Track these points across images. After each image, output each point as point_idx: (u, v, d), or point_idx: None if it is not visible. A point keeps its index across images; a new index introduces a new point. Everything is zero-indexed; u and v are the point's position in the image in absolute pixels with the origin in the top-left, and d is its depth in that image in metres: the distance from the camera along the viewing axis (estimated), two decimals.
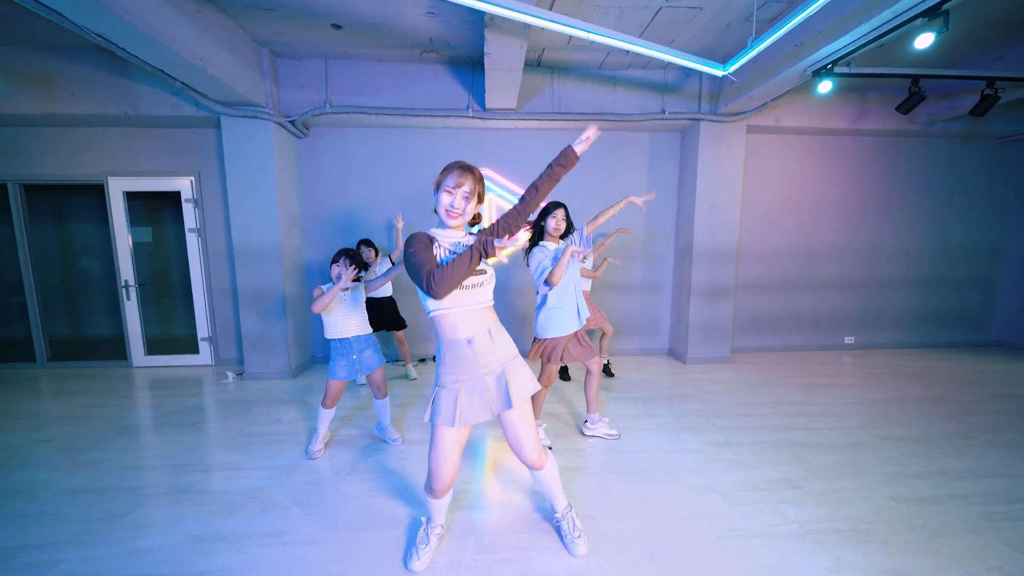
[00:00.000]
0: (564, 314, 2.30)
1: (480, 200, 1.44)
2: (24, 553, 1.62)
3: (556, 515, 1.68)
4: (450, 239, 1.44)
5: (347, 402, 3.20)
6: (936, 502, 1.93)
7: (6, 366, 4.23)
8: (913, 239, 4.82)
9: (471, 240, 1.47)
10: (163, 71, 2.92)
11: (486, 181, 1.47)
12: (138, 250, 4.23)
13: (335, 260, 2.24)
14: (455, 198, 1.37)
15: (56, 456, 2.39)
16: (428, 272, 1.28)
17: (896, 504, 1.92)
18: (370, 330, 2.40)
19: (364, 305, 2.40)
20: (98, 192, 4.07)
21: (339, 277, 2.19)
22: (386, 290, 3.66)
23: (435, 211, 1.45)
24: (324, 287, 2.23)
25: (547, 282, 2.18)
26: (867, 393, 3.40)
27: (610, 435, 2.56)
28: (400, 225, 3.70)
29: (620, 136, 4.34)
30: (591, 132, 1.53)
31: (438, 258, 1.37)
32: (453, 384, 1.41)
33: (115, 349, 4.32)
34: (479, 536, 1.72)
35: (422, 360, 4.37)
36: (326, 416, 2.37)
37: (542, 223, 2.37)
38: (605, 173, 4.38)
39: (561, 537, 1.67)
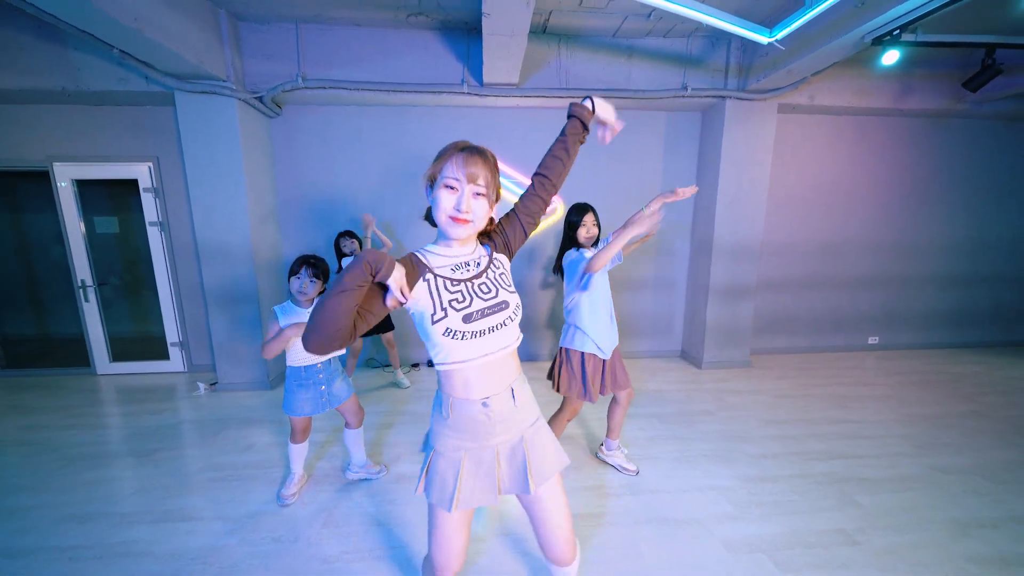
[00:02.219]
0: (599, 326, 1.93)
1: (497, 198, 1.01)
2: None
3: None
4: (451, 259, 1.00)
5: (323, 422, 2.84)
6: (1021, 564, 1.63)
7: None
8: (946, 231, 4.44)
9: (481, 248, 1.06)
10: (93, 35, 2.41)
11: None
12: (103, 242, 3.80)
13: (293, 271, 1.81)
14: (462, 196, 0.93)
15: None
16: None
17: (977, 569, 1.61)
18: (339, 352, 1.98)
19: None
20: (39, 174, 3.58)
21: (300, 293, 1.79)
22: None
23: (427, 218, 1.02)
24: (278, 315, 1.79)
25: (586, 274, 1.81)
26: (904, 407, 3.09)
27: (627, 470, 2.23)
28: (371, 227, 3.13)
29: (633, 116, 3.85)
30: (617, 124, 1.15)
31: (430, 295, 0.95)
32: (454, 453, 1.03)
33: (77, 353, 3.93)
34: None
35: (414, 365, 4.02)
36: (299, 453, 2.02)
37: (572, 232, 1.99)
38: (613, 158, 3.92)
39: None
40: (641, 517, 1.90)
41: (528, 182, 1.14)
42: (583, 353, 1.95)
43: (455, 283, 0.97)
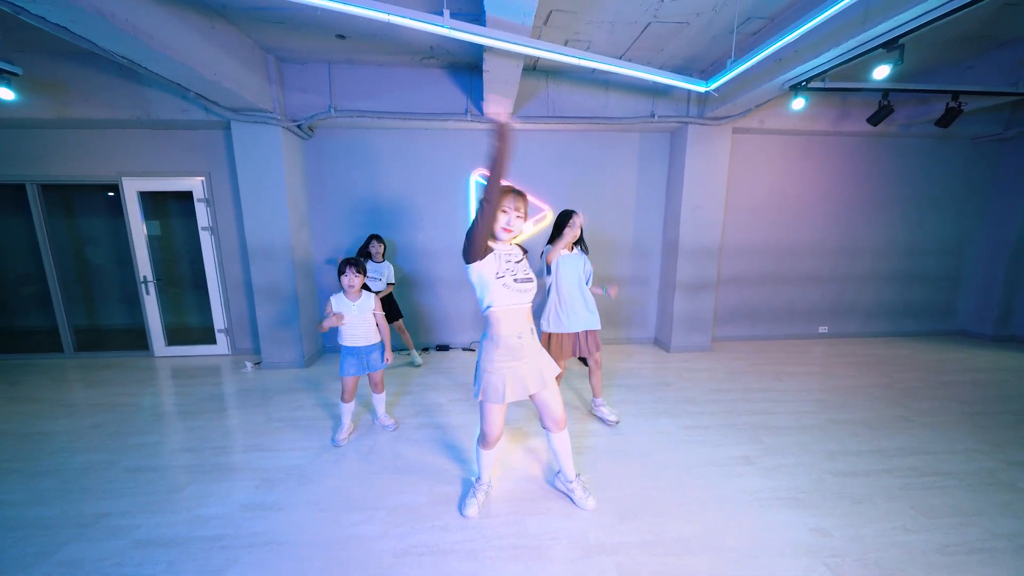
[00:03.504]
0: (564, 311, 2.63)
1: (525, 218, 1.81)
2: (106, 520, 1.96)
3: (570, 483, 2.08)
4: (505, 249, 1.80)
5: (365, 389, 3.52)
6: (866, 476, 2.31)
7: (37, 356, 4.52)
8: (886, 235, 5.12)
9: (518, 249, 1.88)
10: (179, 84, 3.09)
11: (481, 180, 1.92)
12: (150, 243, 4.45)
13: (341, 271, 2.47)
14: (510, 217, 1.71)
15: (108, 440, 2.72)
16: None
17: (831, 477, 2.29)
18: (378, 339, 2.64)
19: (371, 314, 2.58)
20: (111, 188, 4.26)
21: (349, 287, 2.46)
22: (381, 286, 3.93)
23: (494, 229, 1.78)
24: (333, 298, 2.50)
25: (544, 263, 2.54)
26: (827, 381, 3.77)
27: (609, 420, 2.91)
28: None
29: (612, 136, 4.54)
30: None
31: (496, 263, 1.73)
32: (501, 370, 1.80)
33: (136, 339, 4.60)
34: (511, 500, 2.08)
35: (424, 350, 4.70)
36: (347, 409, 2.69)
37: (562, 230, 2.64)
38: (597, 172, 4.60)
39: (573, 499, 2.07)
40: (608, 449, 2.58)
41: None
42: (550, 335, 2.70)
43: (508, 261, 1.77)
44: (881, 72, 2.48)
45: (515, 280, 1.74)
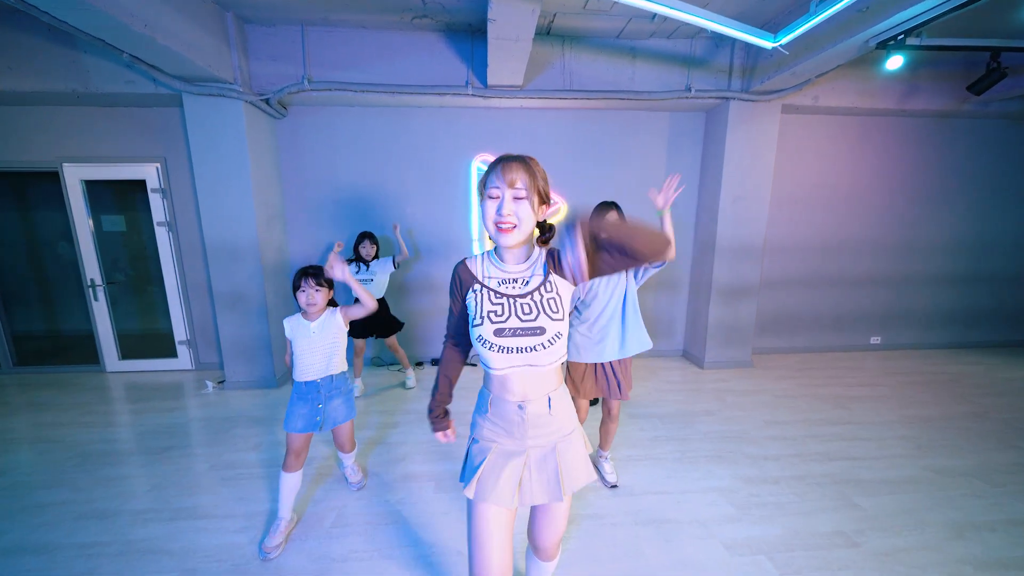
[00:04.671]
0: (591, 337, 1.96)
1: (544, 202, 1.00)
2: None
3: None
4: (502, 273, 1.04)
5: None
6: (1019, 567, 1.66)
7: None
8: (949, 231, 4.43)
9: (536, 268, 1.04)
10: (103, 40, 2.44)
11: (486, 167, 0.97)
12: (111, 240, 3.84)
13: (296, 286, 1.77)
14: (503, 201, 0.94)
15: (3, 498, 2.10)
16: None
17: (973, 570, 1.64)
18: (346, 367, 1.90)
19: (339, 336, 1.84)
20: (49, 175, 3.63)
21: (309, 306, 1.77)
22: (378, 290, 3.28)
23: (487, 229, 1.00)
24: (286, 321, 1.82)
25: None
26: (903, 408, 3.11)
27: (607, 480, 2.17)
28: (398, 232, 3.42)
29: (637, 116, 3.87)
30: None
31: (476, 303, 1.02)
32: (487, 443, 1.08)
33: (88, 350, 3.99)
34: None
35: (419, 364, 4.07)
36: (290, 486, 1.79)
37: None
38: (618, 158, 3.94)
39: None
40: (643, 518, 1.94)
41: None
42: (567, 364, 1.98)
43: (499, 296, 1.02)
44: None
45: (497, 334, 0.98)
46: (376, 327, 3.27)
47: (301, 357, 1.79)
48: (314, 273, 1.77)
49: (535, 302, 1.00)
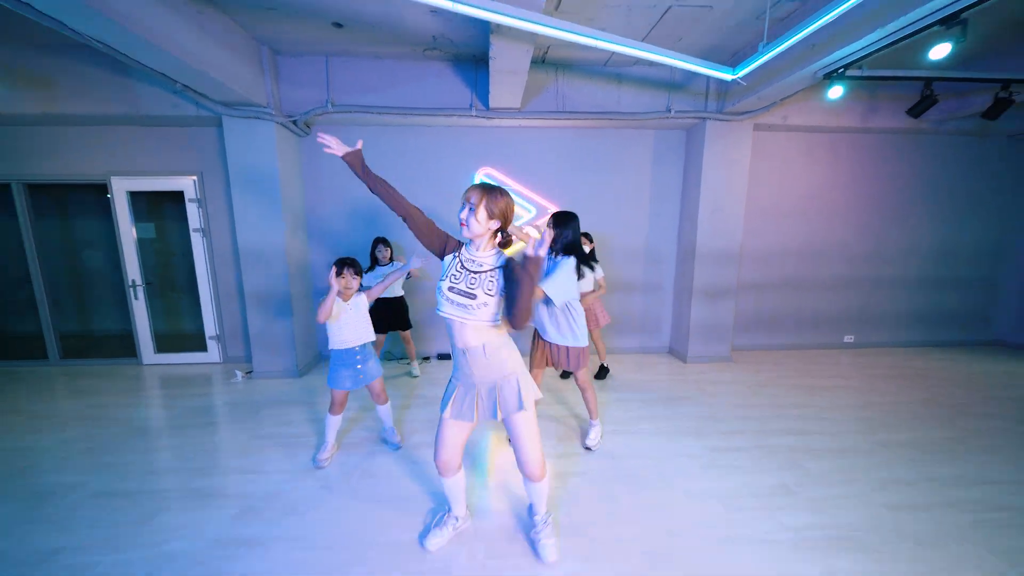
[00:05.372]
0: (539, 321, 2.45)
1: (494, 218, 1.45)
2: (61, 556, 1.72)
3: (536, 517, 1.76)
4: (472, 256, 1.52)
5: (355, 402, 3.28)
6: (926, 510, 2.01)
7: (21, 364, 4.32)
8: (917, 238, 4.81)
9: (492, 261, 1.51)
10: (165, 75, 2.89)
11: (489, 180, 1.57)
12: (143, 246, 4.25)
13: (339, 273, 2.25)
14: (463, 209, 1.46)
15: (79, 458, 2.48)
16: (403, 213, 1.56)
17: (887, 512, 2.00)
18: (372, 337, 2.41)
19: (366, 313, 2.38)
20: (100, 188, 4.07)
21: (346, 289, 2.24)
22: (396, 290, 3.70)
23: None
24: (336, 303, 2.26)
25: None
26: (864, 396, 3.46)
27: (587, 443, 2.55)
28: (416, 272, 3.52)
29: (624, 134, 4.29)
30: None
31: (445, 247, 1.56)
32: (455, 381, 1.62)
33: (124, 346, 4.39)
34: (489, 542, 1.81)
35: (425, 359, 4.45)
36: (333, 424, 2.42)
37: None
38: (608, 172, 4.35)
39: (535, 548, 1.72)
40: (620, 475, 2.30)
41: (527, 193, 1.66)
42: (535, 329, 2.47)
43: (463, 267, 1.51)
44: (940, 52, 2.22)
45: (450, 289, 1.48)
46: (398, 321, 3.69)
47: (342, 331, 2.28)
48: (351, 264, 2.27)
49: (480, 279, 1.48)
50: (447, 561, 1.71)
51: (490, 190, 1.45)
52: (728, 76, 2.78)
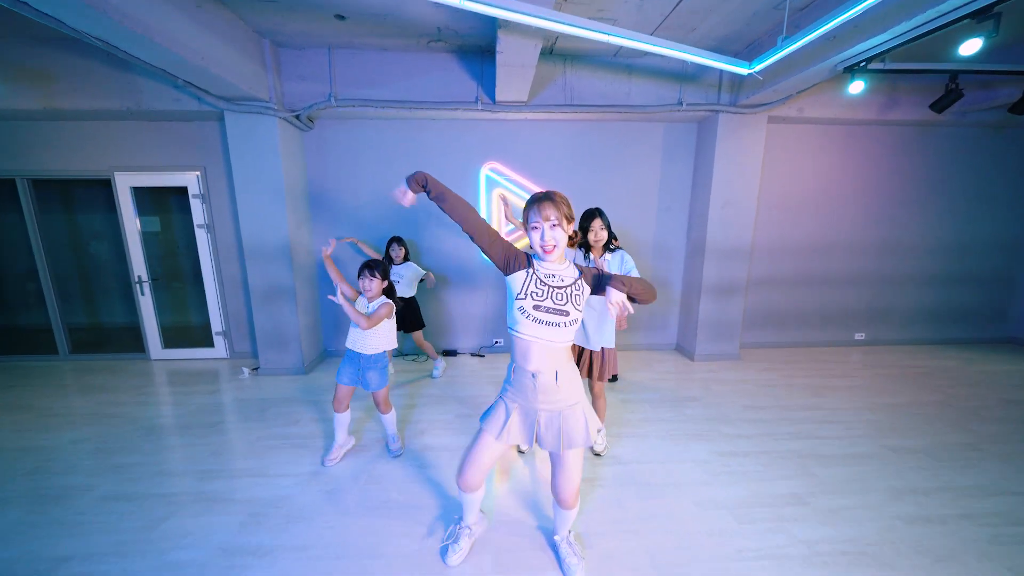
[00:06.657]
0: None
1: (571, 222, 1.42)
2: (67, 565, 1.72)
3: (556, 537, 1.74)
4: (547, 269, 1.42)
5: (363, 402, 3.27)
6: (943, 522, 1.97)
7: (32, 359, 4.36)
8: (931, 233, 4.68)
9: (572, 271, 1.44)
10: (165, 71, 2.82)
11: (494, 174, 1.49)
12: (147, 240, 4.23)
13: (359, 274, 2.24)
14: (543, 231, 1.36)
15: (88, 460, 2.50)
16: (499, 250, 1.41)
17: (903, 524, 1.96)
18: (371, 351, 2.31)
19: (376, 328, 2.28)
20: (105, 183, 4.04)
21: (366, 291, 2.23)
22: (406, 289, 3.66)
23: (536, 250, 1.43)
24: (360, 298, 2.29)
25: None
26: (875, 397, 3.41)
27: (598, 451, 2.52)
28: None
29: (634, 127, 4.18)
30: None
31: (524, 281, 1.38)
32: (510, 403, 1.49)
33: (132, 340, 4.41)
34: (496, 553, 1.80)
35: (446, 353, 4.42)
36: (340, 422, 2.41)
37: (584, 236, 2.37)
38: (616, 166, 4.25)
39: (559, 559, 1.71)
40: (627, 481, 2.28)
41: (534, 188, 1.56)
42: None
43: (542, 283, 1.39)
44: (970, 47, 2.10)
45: (535, 308, 1.35)
46: (408, 322, 3.68)
47: (356, 332, 2.29)
48: (371, 267, 2.24)
49: (567, 294, 1.39)
50: (460, 570, 1.70)
51: (550, 199, 1.36)
52: (744, 71, 2.67)
